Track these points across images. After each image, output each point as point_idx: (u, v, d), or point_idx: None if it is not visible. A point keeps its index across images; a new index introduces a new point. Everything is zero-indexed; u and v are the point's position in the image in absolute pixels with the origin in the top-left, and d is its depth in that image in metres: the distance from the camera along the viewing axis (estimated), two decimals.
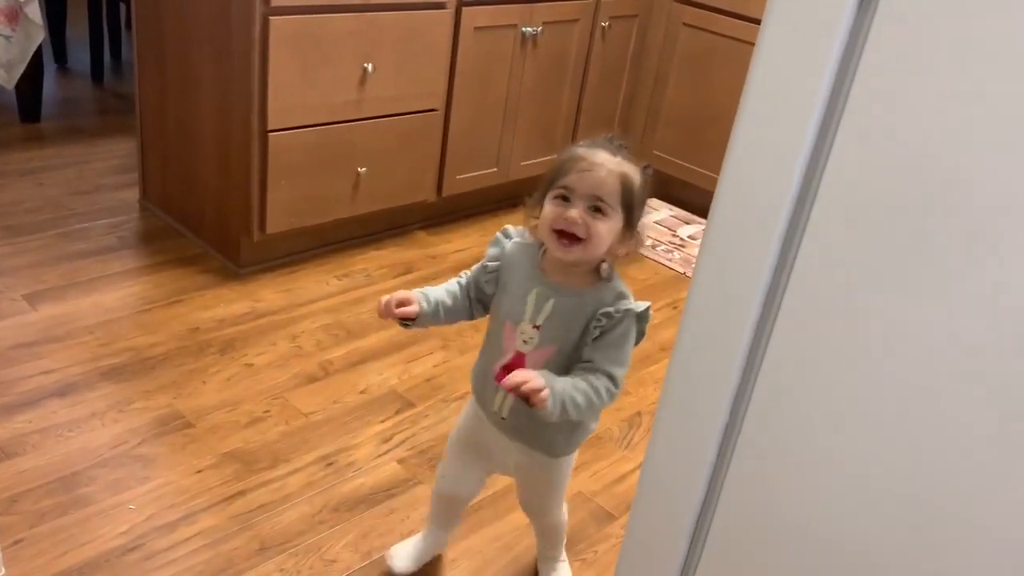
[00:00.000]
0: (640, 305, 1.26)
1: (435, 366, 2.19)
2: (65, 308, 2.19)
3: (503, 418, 1.34)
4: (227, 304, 2.31)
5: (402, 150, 2.57)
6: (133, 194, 2.78)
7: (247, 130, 2.26)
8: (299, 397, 2.00)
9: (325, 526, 1.66)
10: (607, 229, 1.20)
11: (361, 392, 2.05)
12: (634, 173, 1.22)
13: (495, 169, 2.90)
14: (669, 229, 3.13)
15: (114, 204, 2.74)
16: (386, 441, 1.91)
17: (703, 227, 3.09)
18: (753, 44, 0.76)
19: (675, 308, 2.65)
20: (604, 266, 1.25)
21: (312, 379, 2.07)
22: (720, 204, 0.83)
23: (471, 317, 1.38)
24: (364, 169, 2.48)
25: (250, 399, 1.96)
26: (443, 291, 1.35)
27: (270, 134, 2.25)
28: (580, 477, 1.89)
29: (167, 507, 1.64)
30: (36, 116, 3.25)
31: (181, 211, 2.63)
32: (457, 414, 1.99)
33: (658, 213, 3.23)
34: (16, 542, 1.49)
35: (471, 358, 2.30)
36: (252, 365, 2.08)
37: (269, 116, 2.23)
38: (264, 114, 2.22)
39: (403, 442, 1.91)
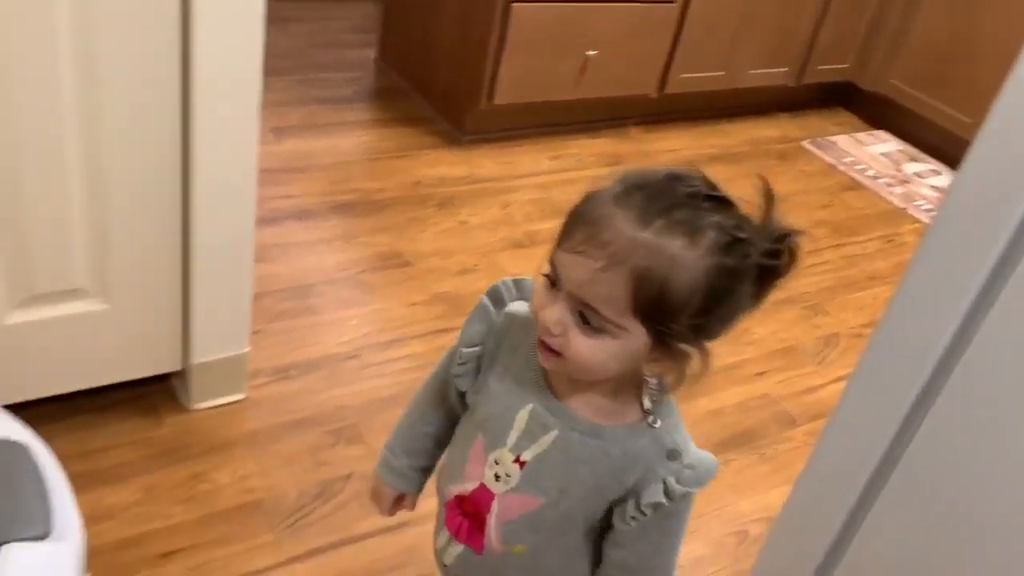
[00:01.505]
0: (705, 465, 0.79)
1: None
2: (305, 145, 2.37)
3: (444, 565, 0.94)
4: (448, 166, 2.42)
5: (633, 39, 2.57)
6: (370, 53, 2.93)
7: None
8: (505, 258, 2.09)
9: None
10: (593, 349, 0.73)
11: None
12: (687, 260, 0.70)
13: (722, 73, 2.84)
14: (894, 162, 2.98)
15: (352, 60, 2.90)
16: None
17: (931, 167, 2.93)
18: None
19: (889, 241, 2.54)
20: (647, 398, 0.80)
21: (518, 245, 2.16)
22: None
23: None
24: (594, 53, 2.50)
25: (462, 252, 2.08)
26: (409, 425, 0.97)
27: (513, 5, 2.30)
28: (768, 381, 1.89)
29: (382, 329, 1.78)
30: None
31: (414, 74, 2.75)
32: None
33: (884, 145, 3.07)
34: (256, 332, 1.67)
35: None
36: (466, 223, 2.20)
37: None
38: None
39: None
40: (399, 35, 2.80)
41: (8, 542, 0.62)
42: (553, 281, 0.74)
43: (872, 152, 3.01)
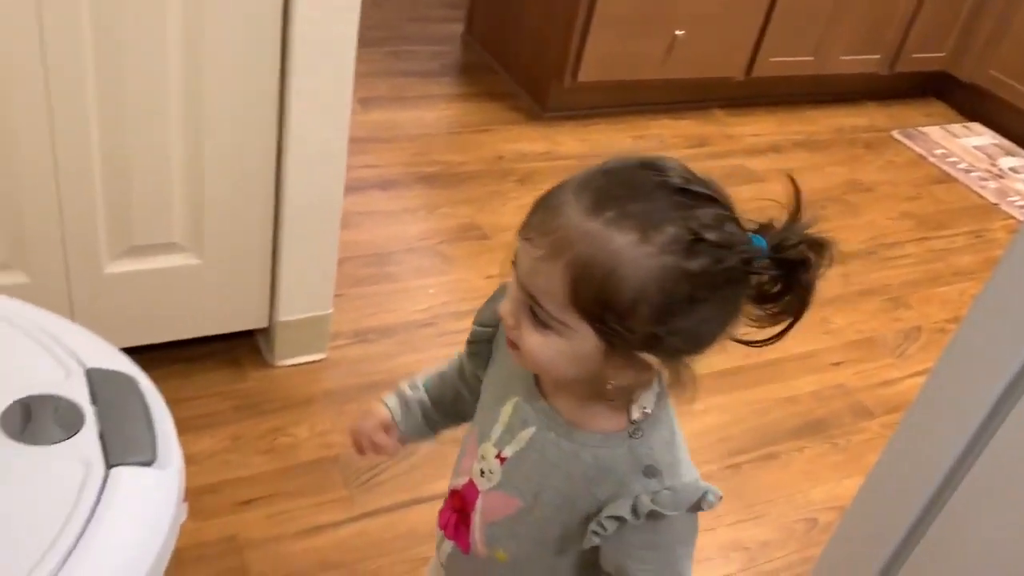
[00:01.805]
0: (689, 491, 0.71)
1: None
2: (390, 116, 2.41)
3: (441, 563, 0.89)
4: (529, 141, 2.44)
5: (723, 19, 2.53)
6: (458, 28, 2.95)
7: None
8: None
9: None
10: (542, 346, 0.67)
11: None
12: (634, 257, 0.61)
13: (811, 58, 2.78)
14: (989, 156, 2.88)
15: (440, 34, 2.93)
16: None
17: None
18: None
19: (978, 237, 2.46)
20: (637, 409, 0.72)
21: None
22: None
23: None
24: (682, 32, 2.48)
25: None
26: (436, 376, 0.89)
27: None
28: (844, 371, 1.86)
29: (459, 299, 1.81)
30: None
31: (499, 50, 2.76)
32: None
33: (979, 138, 2.97)
34: (338, 295, 1.72)
35: None
36: None
37: None
38: None
39: None
40: (487, 10, 2.81)
41: (117, 465, 0.66)
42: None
43: (965, 145, 2.91)
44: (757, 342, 0.69)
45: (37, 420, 0.68)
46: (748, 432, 1.66)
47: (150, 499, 0.66)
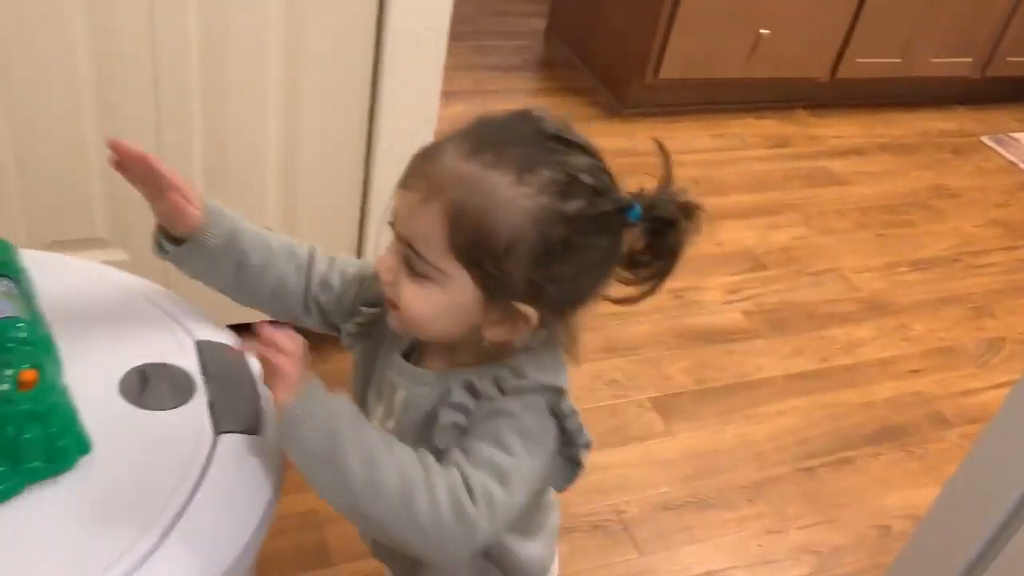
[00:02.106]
0: (539, 385, 0.68)
1: (795, 238, 2.18)
2: (472, 109, 2.41)
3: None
4: (607, 137, 2.42)
5: (809, 19, 2.50)
6: (540, 23, 2.97)
7: None
8: None
9: (665, 347, 1.77)
10: (421, 299, 0.66)
11: (717, 244, 2.11)
12: (511, 197, 0.62)
13: (899, 60, 2.72)
14: None
15: (522, 29, 2.95)
16: (733, 292, 1.97)
17: None
18: None
19: None
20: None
21: None
22: None
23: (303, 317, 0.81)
24: (767, 32, 2.45)
25: None
26: (274, 239, 0.79)
27: None
28: (923, 379, 1.83)
29: None
30: None
31: (581, 45, 2.78)
32: (809, 288, 2.01)
33: None
34: None
35: (833, 241, 2.31)
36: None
37: None
38: None
39: (750, 297, 1.96)
40: (569, 6, 2.83)
41: (225, 432, 0.71)
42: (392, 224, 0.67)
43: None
44: (624, 300, 0.70)
45: (153, 387, 0.73)
46: (823, 436, 1.65)
47: (254, 465, 0.70)
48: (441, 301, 0.65)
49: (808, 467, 1.58)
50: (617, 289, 0.70)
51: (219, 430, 0.71)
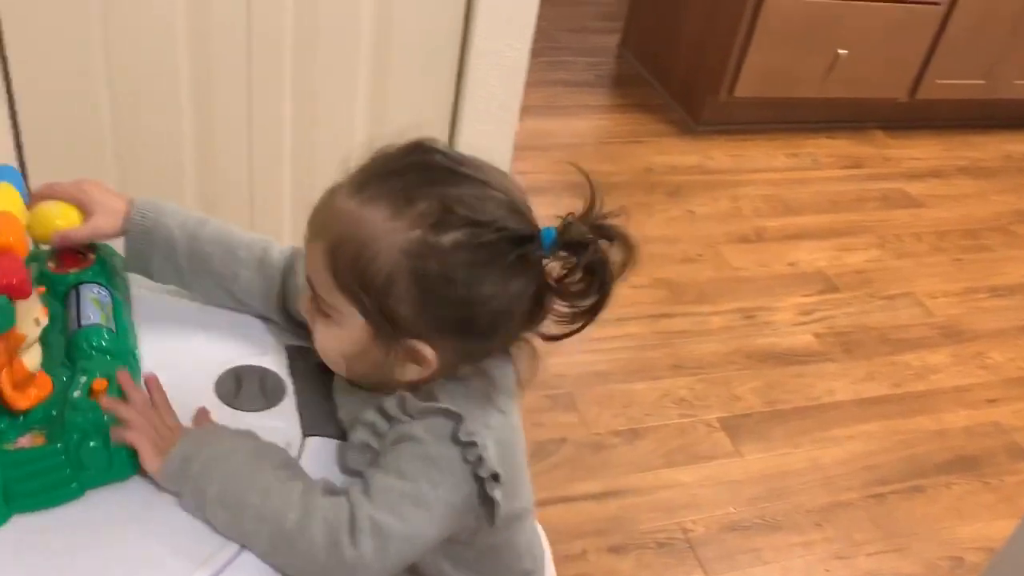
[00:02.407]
0: (436, 417, 0.66)
1: (868, 260, 2.15)
2: (544, 124, 2.47)
3: None
4: (680, 155, 2.44)
5: (888, 39, 2.46)
6: (613, 40, 2.99)
7: None
8: (731, 251, 2.10)
9: (735, 367, 1.77)
10: (325, 337, 0.69)
11: (789, 264, 2.09)
12: (384, 231, 0.62)
13: (983, 82, 2.66)
14: None
15: (596, 46, 2.97)
16: (805, 314, 1.95)
17: None
18: None
19: None
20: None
21: (745, 239, 2.15)
22: None
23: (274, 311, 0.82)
24: (845, 52, 2.42)
25: (686, 240, 2.10)
26: (230, 234, 0.80)
27: None
28: (1001, 409, 1.79)
29: None
30: None
31: (654, 62, 2.78)
32: (883, 312, 1.98)
33: None
34: None
35: (908, 265, 2.27)
36: (693, 212, 2.21)
37: None
38: None
39: (822, 319, 1.94)
40: (644, 22, 2.84)
41: (312, 435, 0.74)
42: None
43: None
44: (550, 337, 0.68)
45: (246, 389, 0.76)
46: (894, 462, 1.62)
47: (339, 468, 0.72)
48: (343, 338, 0.67)
49: (878, 493, 1.55)
50: (560, 325, 0.68)
51: (307, 433, 0.73)
